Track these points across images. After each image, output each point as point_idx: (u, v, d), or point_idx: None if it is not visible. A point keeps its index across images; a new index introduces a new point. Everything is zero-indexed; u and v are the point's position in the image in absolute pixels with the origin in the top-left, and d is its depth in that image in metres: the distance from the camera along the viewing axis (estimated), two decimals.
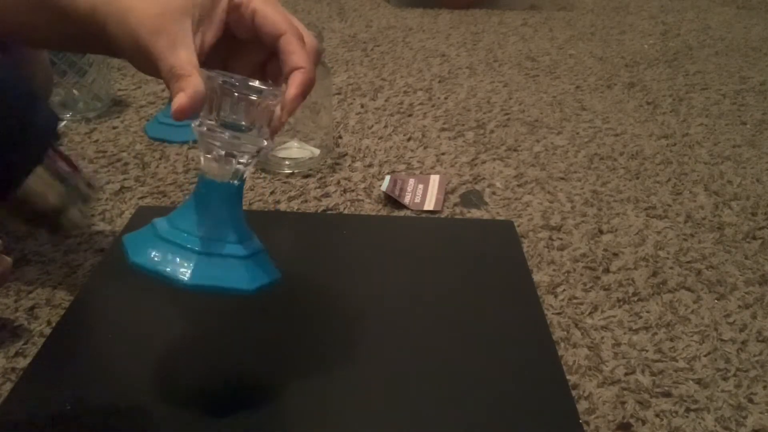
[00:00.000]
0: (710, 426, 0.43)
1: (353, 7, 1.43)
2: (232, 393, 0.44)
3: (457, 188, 0.71)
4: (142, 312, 0.51)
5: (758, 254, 0.62)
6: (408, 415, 0.43)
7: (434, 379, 0.45)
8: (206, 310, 0.51)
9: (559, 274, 0.58)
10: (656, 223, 0.66)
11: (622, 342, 0.50)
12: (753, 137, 0.86)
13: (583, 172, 0.76)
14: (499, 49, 1.18)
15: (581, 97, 0.97)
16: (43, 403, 0.43)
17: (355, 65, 1.08)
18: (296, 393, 0.44)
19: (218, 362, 0.47)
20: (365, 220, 0.65)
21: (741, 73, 1.10)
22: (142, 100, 0.91)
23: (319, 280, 0.55)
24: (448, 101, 0.94)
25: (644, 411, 0.44)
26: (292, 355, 0.47)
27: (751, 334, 0.52)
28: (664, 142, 0.84)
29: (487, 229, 0.64)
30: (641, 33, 1.31)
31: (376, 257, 0.59)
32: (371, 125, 0.86)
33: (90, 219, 0.62)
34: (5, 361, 0.46)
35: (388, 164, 0.76)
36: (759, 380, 0.47)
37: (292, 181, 0.72)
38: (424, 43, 1.21)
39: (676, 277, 0.58)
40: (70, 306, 0.51)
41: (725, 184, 0.74)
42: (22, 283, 0.54)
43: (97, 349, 0.48)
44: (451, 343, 0.49)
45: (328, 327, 0.50)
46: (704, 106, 0.95)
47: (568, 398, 0.44)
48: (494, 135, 0.84)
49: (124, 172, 0.72)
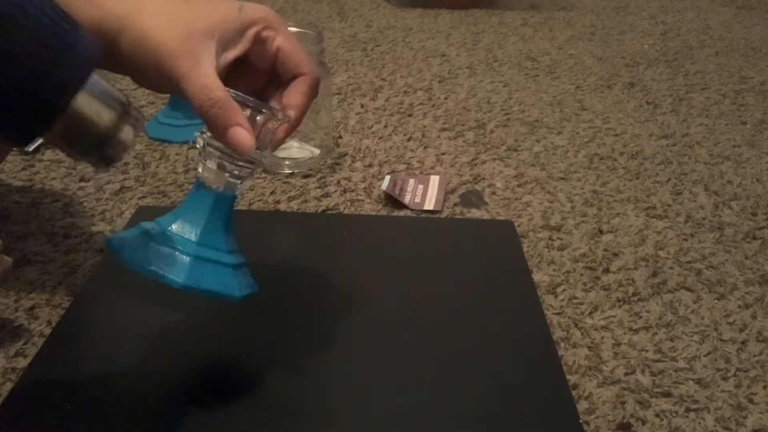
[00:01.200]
0: (710, 426, 0.43)
1: (353, 7, 1.43)
2: (232, 393, 0.44)
3: (457, 188, 0.71)
4: (142, 312, 0.51)
5: (758, 254, 0.62)
6: (407, 415, 0.43)
7: (434, 379, 0.45)
8: (206, 310, 0.51)
9: (559, 274, 0.58)
10: (656, 223, 0.66)
11: (622, 342, 0.50)
12: (753, 137, 0.86)
13: (583, 172, 0.76)
14: (499, 49, 1.18)
15: (581, 97, 0.97)
16: (43, 403, 0.43)
17: (355, 65, 1.08)
18: (296, 393, 0.44)
19: (218, 362, 0.47)
20: (365, 220, 0.65)
21: (741, 73, 1.10)
22: (142, 100, 0.91)
23: (319, 280, 0.55)
24: (448, 101, 0.94)
25: (644, 411, 0.44)
26: (292, 355, 0.47)
27: (751, 334, 0.52)
28: (664, 142, 0.84)
29: (487, 229, 0.64)
30: (641, 33, 1.31)
31: (376, 257, 0.59)
32: (371, 125, 0.86)
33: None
34: (5, 361, 0.46)
35: (388, 164, 0.76)
36: (759, 380, 0.47)
37: (292, 181, 0.72)
38: (424, 43, 1.21)
39: (676, 277, 0.58)
40: (70, 306, 0.51)
41: (725, 184, 0.74)
42: (22, 283, 0.54)
43: (97, 349, 0.48)
44: (451, 342, 0.49)
45: (328, 327, 0.50)
46: (704, 106, 0.95)
47: (568, 398, 0.44)
48: (494, 135, 0.84)
49: (124, 172, 0.72)
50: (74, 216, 0.63)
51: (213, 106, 0.37)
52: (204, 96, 0.37)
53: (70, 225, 0.62)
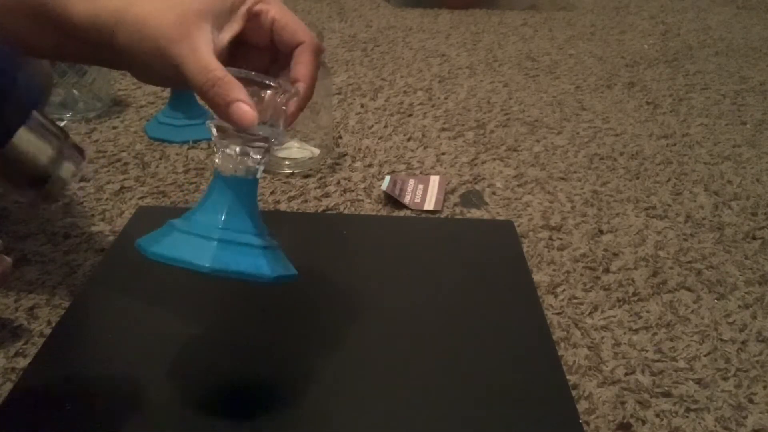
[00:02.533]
0: (710, 426, 0.43)
1: (353, 7, 1.43)
2: (232, 392, 0.44)
3: (457, 188, 0.71)
4: (142, 312, 0.51)
5: (758, 254, 0.62)
6: (407, 415, 0.43)
7: (434, 379, 0.45)
8: (206, 310, 0.51)
9: (559, 274, 0.58)
10: (656, 223, 0.66)
11: (622, 342, 0.50)
12: (753, 137, 0.86)
13: (583, 172, 0.76)
14: (499, 49, 1.18)
15: (581, 97, 0.97)
16: (44, 402, 0.43)
17: (355, 65, 1.08)
18: (296, 393, 0.44)
19: (218, 362, 0.47)
20: (365, 220, 0.65)
21: (741, 73, 1.10)
22: (142, 100, 0.91)
23: (319, 280, 0.55)
24: (448, 101, 0.94)
25: (644, 411, 0.44)
26: (292, 355, 0.47)
27: (751, 334, 0.52)
28: (664, 142, 0.84)
29: (487, 229, 0.64)
30: (641, 33, 1.31)
31: (376, 257, 0.59)
32: (371, 125, 0.86)
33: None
34: (5, 361, 0.46)
35: (388, 164, 0.76)
36: (759, 380, 0.47)
37: (292, 181, 0.72)
38: (424, 43, 1.21)
39: (676, 277, 0.58)
40: (70, 306, 0.51)
41: (725, 184, 0.74)
42: (22, 283, 0.54)
43: (97, 349, 0.48)
44: (451, 342, 0.49)
45: (328, 327, 0.50)
46: (704, 106, 0.95)
47: (568, 398, 0.44)
48: (494, 135, 0.84)
49: (124, 172, 0.72)
50: (74, 216, 0.63)
51: (213, 86, 0.37)
52: (203, 77, 0.37)
53: (70, 225, 0.62)
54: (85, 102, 0.85)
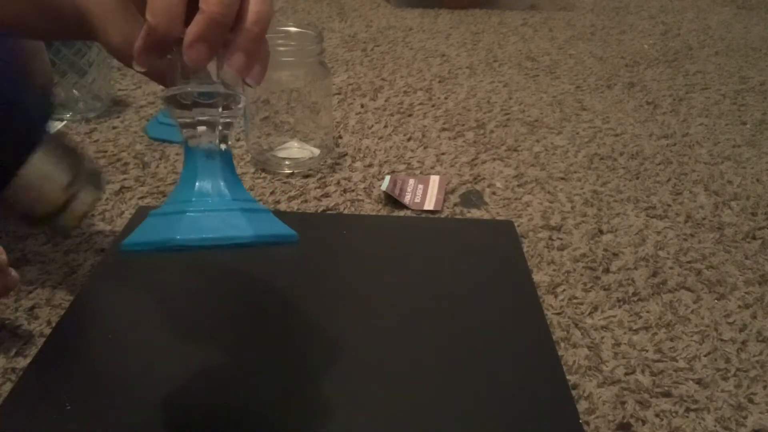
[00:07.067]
0: (710, 426, 0.43)
1: (353, 7, 1.43)
2: (232, 392, 0.44)
3: (457, 188, 0.71)
4: (141, 312, 0.51)
5: (758, 254, 0.62)
6: (407, 415, 0.43)
7: (434, 379, 0.45)
8: (206, 309, 0.51)
9: (559, 274, 0.58)
10: (656, 223, 0.66)
11: (622, 342, 0.50)
12: (753, 137, 0.86)
13: (583, 172, 0.76)
14: (499, 49, 1.18)
15: (581, 97, 0.97)
16: (43, 403, 0.43)
17: (355, 65, 1.08)
18: (296, 393, 0.44)
19: (218, 362, 0.47)
20: (365, 220, 0.65)
21: (741, 73, 1.10)
22: (142, 100, 0.91)
23: (319, 279, 0.55)
24: (448, 101, 0.94)
25: (644, 411, 0.44)
26: (292, 354, 0.47)
27: (751, 334, 0.52)
28: (664, 142, 0.84)
29: (487, 229, 0.64)
30: (641, 33, 1.31)
31: (376, 257, 0.59)
32: (371, 125, 0.86)
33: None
34: (5, 361, 0.46)
35: (388, 164, 0.76)
36: (759, 380, 0.47)
37: (292, 181, 0.72)
38: (424, 43, 1.21)
39: (676, 277, 0.58)
40: (70, 306, 0.51)
41: (725, 184, 0.74)
42: (22, 283, 0.54)
43: (97, 349, 0.48)
44: (451, 343, 0.49)
45: (328, 327, 0.50)
46: (704, 106, 0.95)
47: (568, 398, 0.44)
48: (494, 135, 0.84)
49: (124, 172, 0.72)
50: None
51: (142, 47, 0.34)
52: (128, 51, 0.35)
53: None
54: (85, 102, 0.85)
